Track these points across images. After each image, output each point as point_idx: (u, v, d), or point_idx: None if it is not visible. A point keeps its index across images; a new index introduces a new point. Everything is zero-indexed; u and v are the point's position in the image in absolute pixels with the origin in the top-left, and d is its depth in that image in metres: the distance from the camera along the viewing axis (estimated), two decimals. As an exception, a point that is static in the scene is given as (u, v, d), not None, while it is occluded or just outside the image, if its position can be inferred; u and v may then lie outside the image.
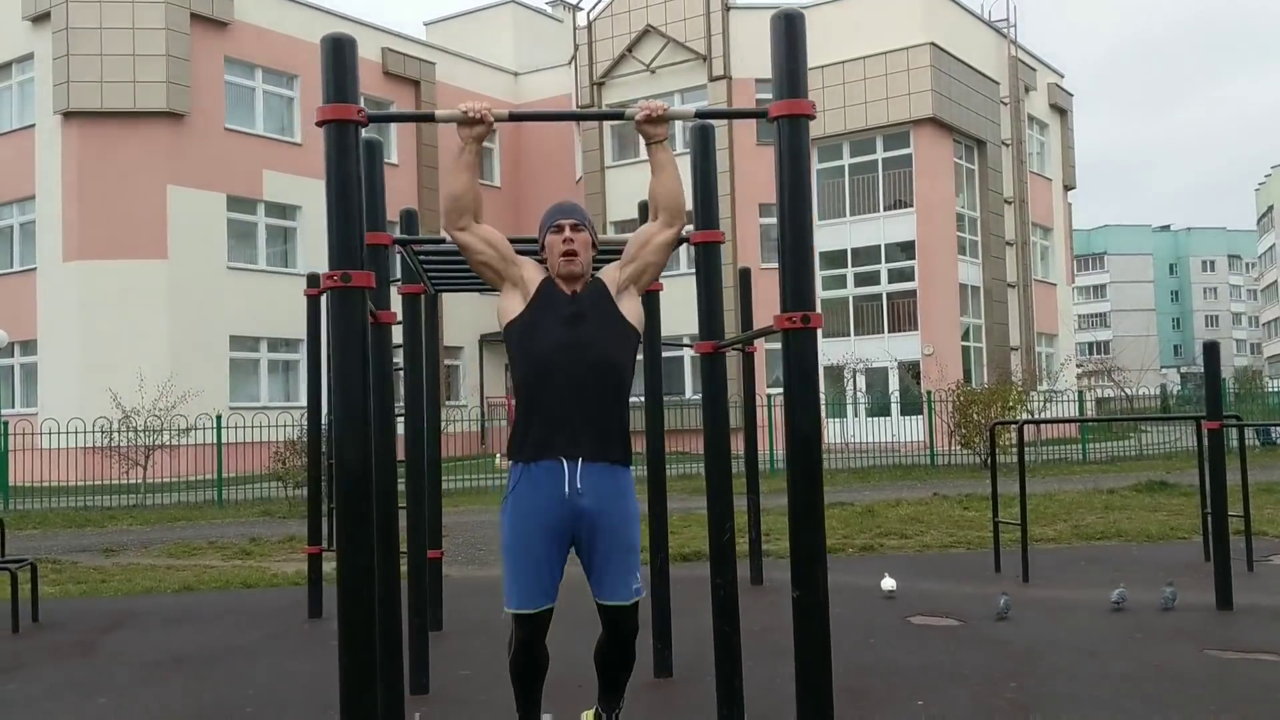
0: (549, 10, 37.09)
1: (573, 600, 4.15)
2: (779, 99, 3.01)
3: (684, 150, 3.59)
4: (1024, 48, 32.93)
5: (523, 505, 3.62)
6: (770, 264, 25.30)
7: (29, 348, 25.00)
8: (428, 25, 36.48)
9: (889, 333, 28.18)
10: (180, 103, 24.23)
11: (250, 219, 26.18)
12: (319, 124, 2.91)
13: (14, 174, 25.31)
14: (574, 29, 31.95)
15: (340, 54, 2.94)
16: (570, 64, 31.98)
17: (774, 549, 9.57)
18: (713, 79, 29.12)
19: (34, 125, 25.01)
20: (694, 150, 4.54)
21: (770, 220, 28.09)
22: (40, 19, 24.52)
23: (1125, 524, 11.21)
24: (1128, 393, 29.55)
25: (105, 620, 7.38)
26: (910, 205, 28.21)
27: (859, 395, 26.71)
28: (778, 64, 3.03)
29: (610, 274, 3.79)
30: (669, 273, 5.51)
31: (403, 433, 5.15)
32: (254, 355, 25.95)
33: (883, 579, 7.54)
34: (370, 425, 2.97)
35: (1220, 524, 6.83)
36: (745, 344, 7.55)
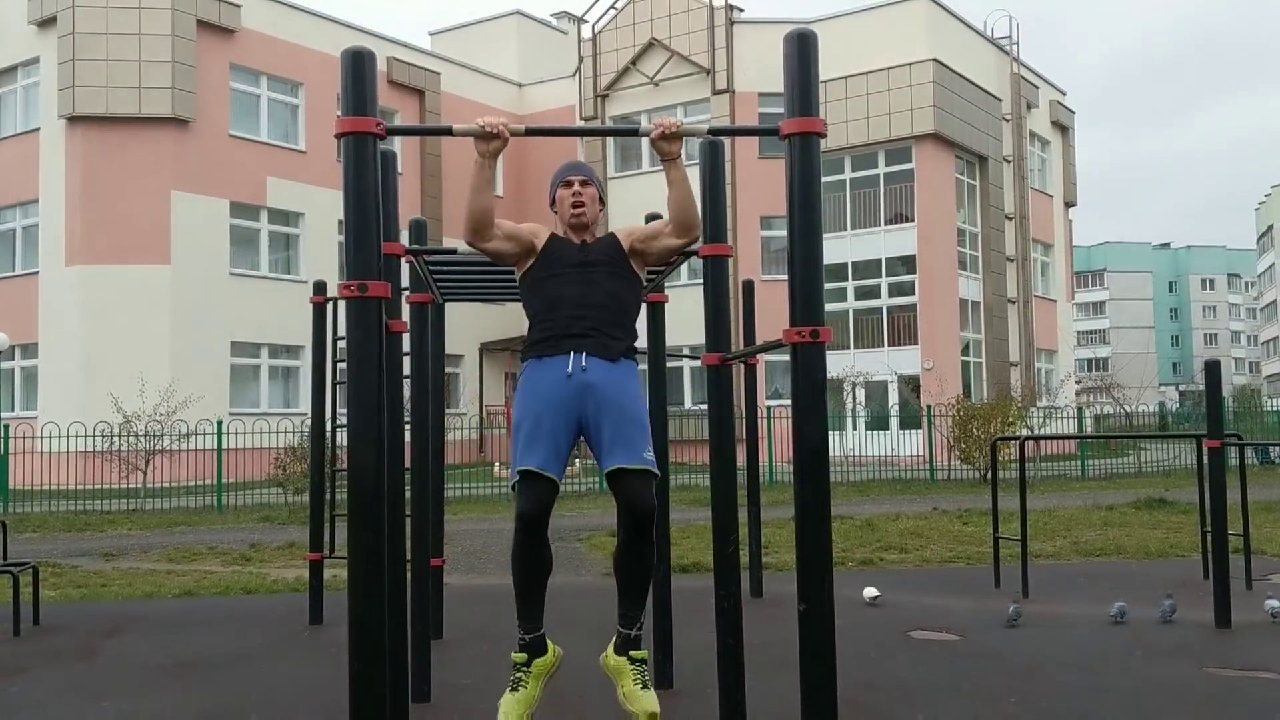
0: (554, 22, 37.21)
1: (575, 603, 4.16)
2: (790, 117, 3.06)
3: (691, 162, 3.63)
4: (1026, 65, 33.06)
5: (531, 384, 3.81)
6: (770, 276, 25.38)
7: (30, 351, 25.01)
8: (433, 35, 36.59)
9: (889, 346, 28.23)
10: (185, 109, 24.29)
11: (253, 225, 26.21)
12: (338, 136, 2.95)
13: (18, 178, 25.36)
14: (578, 41, 32.09)
15: (360, 68, 2.98)
16: (574, 76, 32.09)
17: (774, 562, 9.59)
18: (716, 92, 29.23)
19: (38, 129, 25.06)
20: (704, 166, 4.58)
21: (771, 233, 28.18)
22: (46, 23, 24.59)
23: (1124, 541, 11.23)
24: (1126, 410, 29.57)
25: (106, 624, 7.39)
26: (911, 220, 28.28)
27: (859, 408, 26.73)
28: (790, 82, 3.07)
29: (622, 233, 4.04)
30: (670, 283, 5.55)
31: (408, 440, 5.19)
32: (255, 361, 25.97)
33: (865, 589, 7.69)
34: (384, 433, 3.00)
35: (1220, 542, 6.85)
36: (749, 357, 7.59)
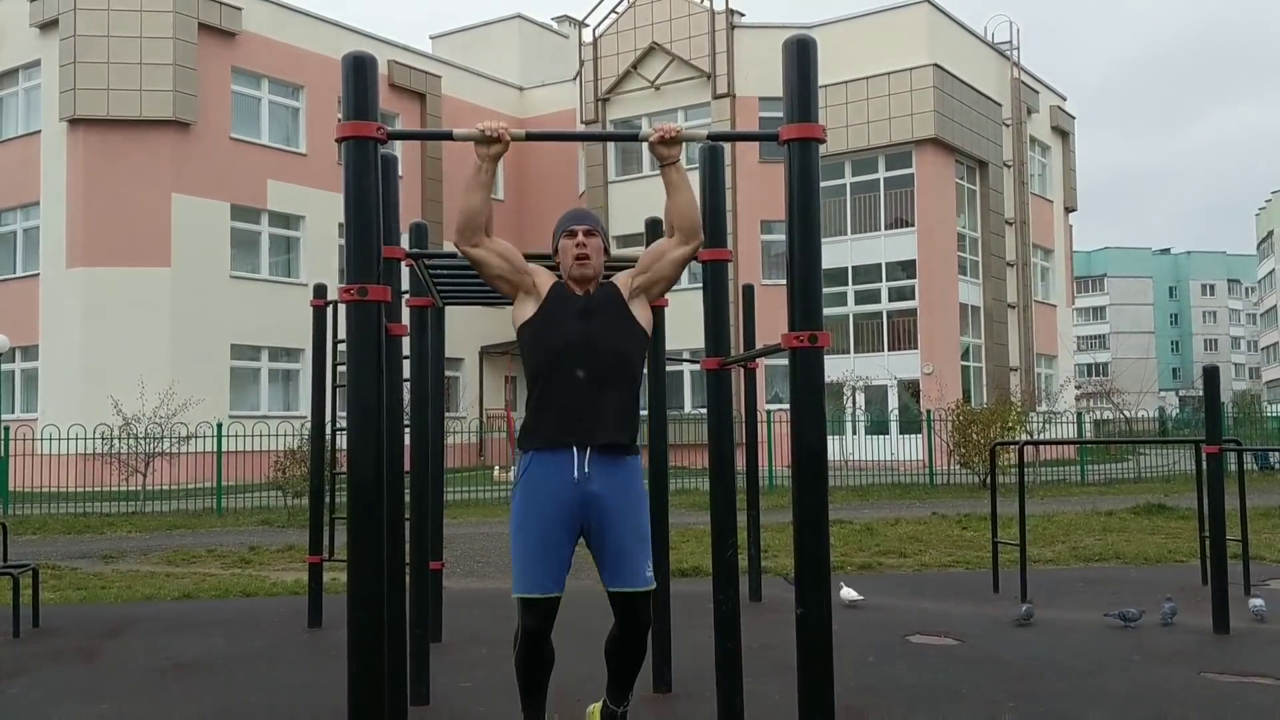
0: (555, 26, 37.27)
1: (574, 607, 4.17)
2: (790, 122, 3.07)
3: (690, 167, 3.62)
4: (1027, 70, 33.10)
5: (533, 489, 3.70)
6: (770, 281, 25.40)
7: (30, 353, 25.03)
8: (434, 39, 36.66)
9: (889, 351, 28.25)
10: (186, 111, 24.33)
11: (254, 228, 26.25)
12: (338, 140, 2.96)
13: (19, 180, 25.39)
14: (579, 45, 32.14)
15: (361, 72, 2.99)
16: (575, 80, 32.15)
17: (772, 566, 9.59)
18: (716, 97, 29.27)
19: (40, 131, 25.11)
20: (703, 171, 4.60)
21: (771, 237, 28.20)
22: (48, 26, 24.64)
23: (1123, 546, 11.24)
24: (1126, 415, 29.57)
25: (106, 626, 7.40)
26: (911, 225, 28.31)
27: (858, 413, 26.74)
28: (789, 87, 3.08)
29: (623, 280, 3.92)
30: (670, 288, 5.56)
31: (407, 444, 5.19)
32: (255, 364, 25.99)
33: (842, 589, 7.71)
34: (384, 436, 3.01)
35: (1219, 548, 6.86)
36: (748, 361, 7.60)
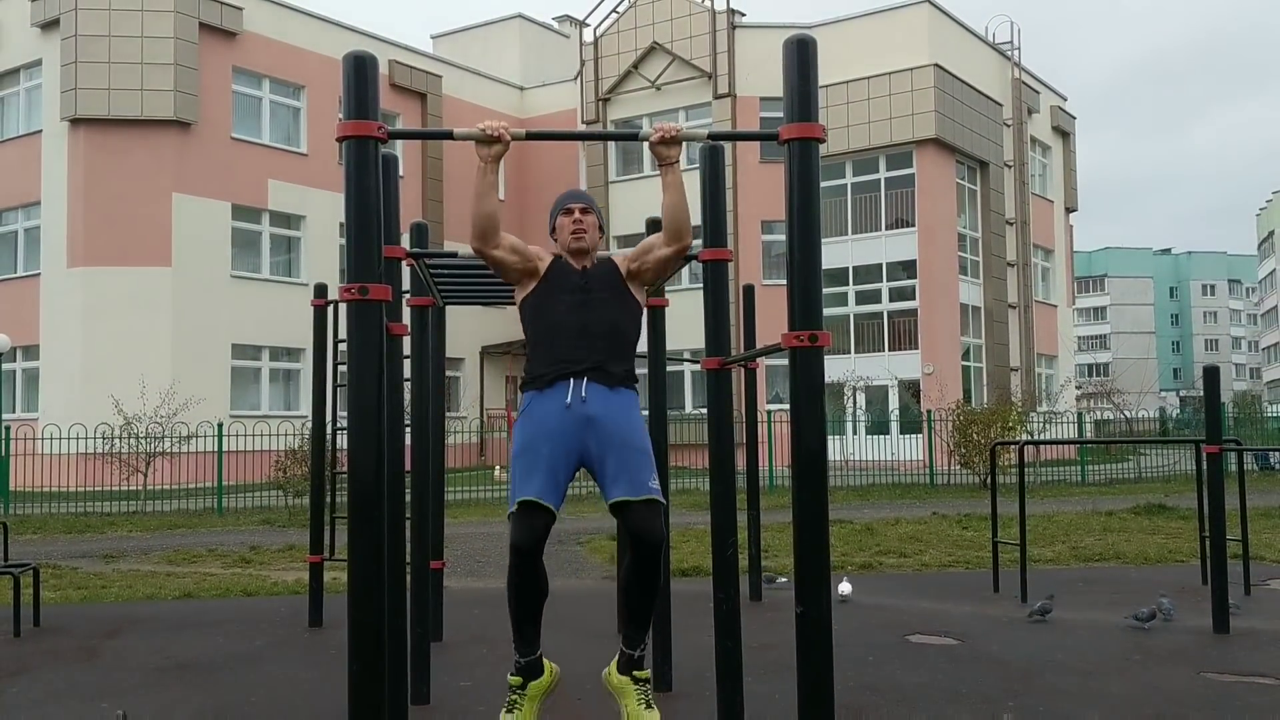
0: (555, 26, 37.26)
1: (575, 606, 4.17)
2: (790, 122, 3.07)
3: (691, 166, 3.63)
4: (1028, 70, 33.10)
5: (532, 414, 3.82)
6: (771, 281, 25.41)
7: (31, 353, 25.03)
8: (435, 39, 36.65)
9: (889, 351, 28.24)
10: (187, 111, 24.33)
11: (255, 228, 26.24)
12: (339, 140, 2.97)
13: (20, 179, 25.40)
14: (580, 45, 32.14)
15: (361, 71, 3.00)
16: (576, 79, 32.14)
17: (773, 565, 9.60)
18: (718, 96, 29.27)
19: (41, 131, 25.10)
20: (703, 171, 4.60)
21: (773, 237, 28.20)
22: (49, 25, 24.64)
23: (1123, 546, 11.24)
24: (1127, 415, 29.59)
25: (106, 626, 7.40)
26: (912, 225, 28.31)
27: (859, 413, 26.75)
28: (789, 87, 3.09)
29: (620, 258, 4.06)
30: (670, 287, 5.56)
31: (408, 443, 5.20)
32: (256, 364, 26.00)
33: (840, 584, 7.88)
34: (384, 435, 3.01)
35: (1219, 548, 6.86)
36: (749, 360, 7.61)
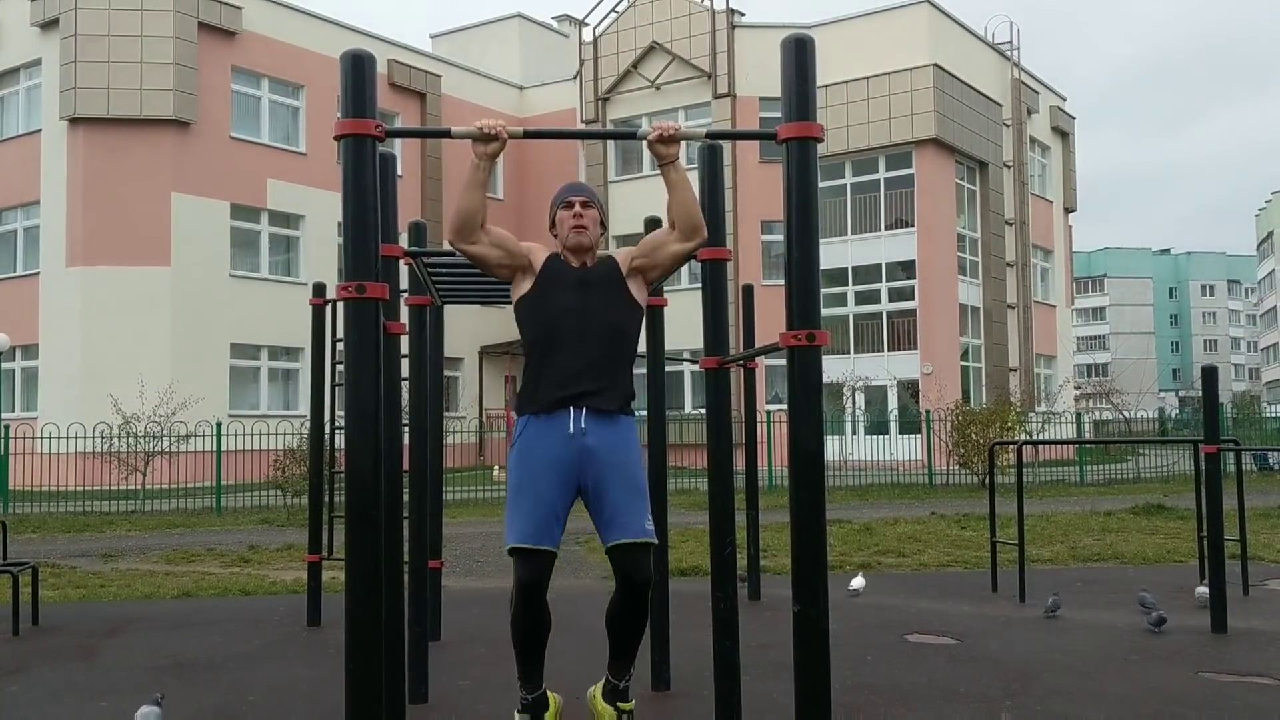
0: (555, 25, 37.26)
1: (574, 607, 4.17)
2: (788, 121, 3.07)
3: (690, 166, 3.62)
4: (1027, 70, 33.11)
5: (529, 445, 3.74)
6: (771, 281, 25.41)
7: (30, 352, 25.03)
8: (434, 38, 36.65)
9: (888, 351, 28.26)
10: (186, 111, 24.33)
11: (254, 227, 26.25)
12: (337, 138, 2.97)
13: (19, 179, 25.40)
14: (580, 44, 32.14)
15: (359, 70, 3.00)
16: (575, 79, 32.14)
17: (771, 565, 9.60)
18: (717, 96, 29.28)
19: (40, 130, 25.11)
20: (702, 170, 4.60)
21: (772, 237, 28.20)
22: (49, 25, 24.64)
23: (1122, 546, 11.24)
24: (1126, 415, 29.61)
25: (105, 625, 7.40)
26: (911, 225, 28.32)
27: (858, 413, 26.75)
28: (787, 86, 3.09)
29: (622, 256, 3.95)
30: (669, 287, 5.56)
31: (407, 443, 5.20)
32: (254, 363, 26.00)
33: (855, 578, 8.08)
34: (382, 435, 3.01)
35: (1217, 548, 6.86)
36: (747, 360, 7.61)
